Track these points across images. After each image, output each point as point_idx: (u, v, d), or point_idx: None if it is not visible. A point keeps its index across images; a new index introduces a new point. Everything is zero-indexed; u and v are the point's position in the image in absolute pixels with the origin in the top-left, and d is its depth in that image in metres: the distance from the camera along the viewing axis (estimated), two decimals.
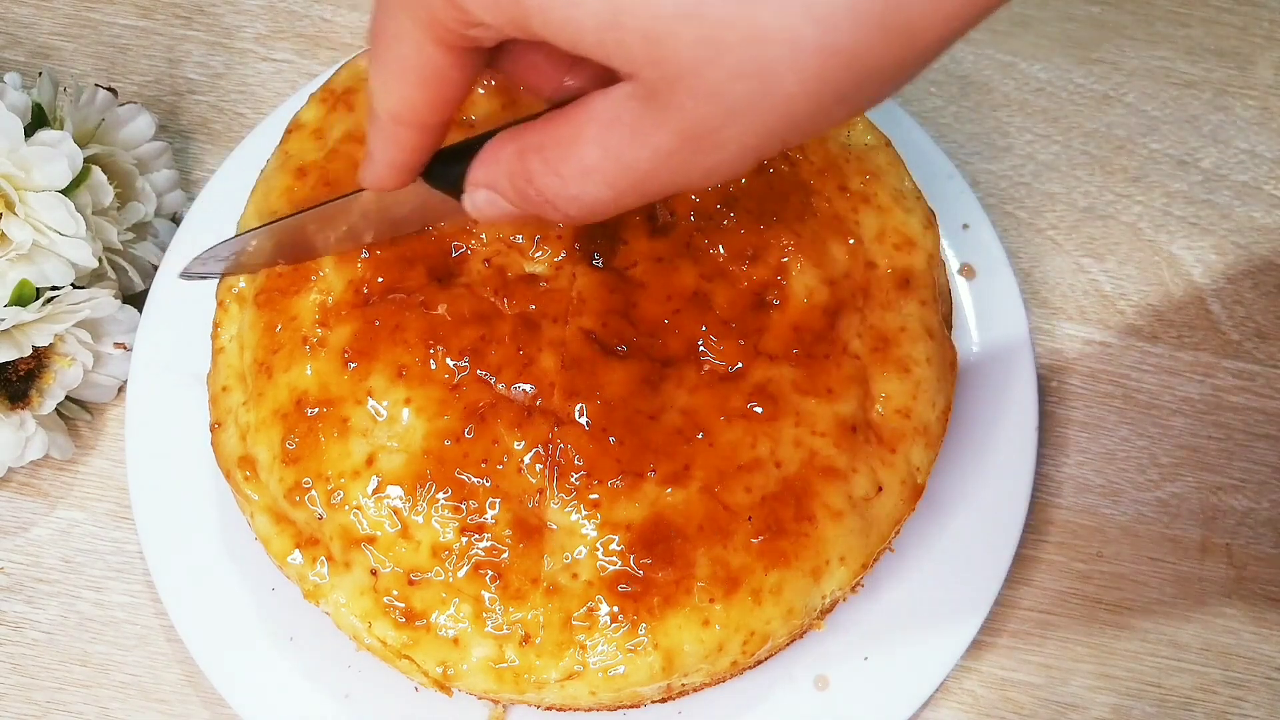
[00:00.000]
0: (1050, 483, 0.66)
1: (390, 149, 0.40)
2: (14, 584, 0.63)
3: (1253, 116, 0.75)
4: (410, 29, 0.35)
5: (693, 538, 0.50)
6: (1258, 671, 0.62)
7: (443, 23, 0.34)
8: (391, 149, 0.40)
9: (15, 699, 0.60)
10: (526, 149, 0.36)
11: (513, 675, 0.50)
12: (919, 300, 0.56)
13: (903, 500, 0.55)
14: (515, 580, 0.50)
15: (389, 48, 0.36)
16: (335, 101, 0.60)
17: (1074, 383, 0.68)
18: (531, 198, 0.37)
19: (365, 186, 0.43)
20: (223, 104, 0.75)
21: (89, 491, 0.65)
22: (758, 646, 0.52)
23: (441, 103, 0.37)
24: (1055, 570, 0.64)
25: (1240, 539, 0.65)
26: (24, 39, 0.76)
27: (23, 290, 0.59)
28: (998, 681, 0.62)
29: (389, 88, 0.37)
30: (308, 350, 0.54)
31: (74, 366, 0.62)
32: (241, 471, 0.54)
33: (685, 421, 0.52)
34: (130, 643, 0.62)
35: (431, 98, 0.37)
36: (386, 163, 0.40)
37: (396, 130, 0.39)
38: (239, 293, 0.57)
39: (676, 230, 0.55)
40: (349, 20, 0.77)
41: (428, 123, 0.38)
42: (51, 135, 0.59)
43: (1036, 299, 0.70)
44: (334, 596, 0.51)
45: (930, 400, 0.55)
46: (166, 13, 0.77)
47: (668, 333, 0.53)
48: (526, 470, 0.51)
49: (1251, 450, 0.67)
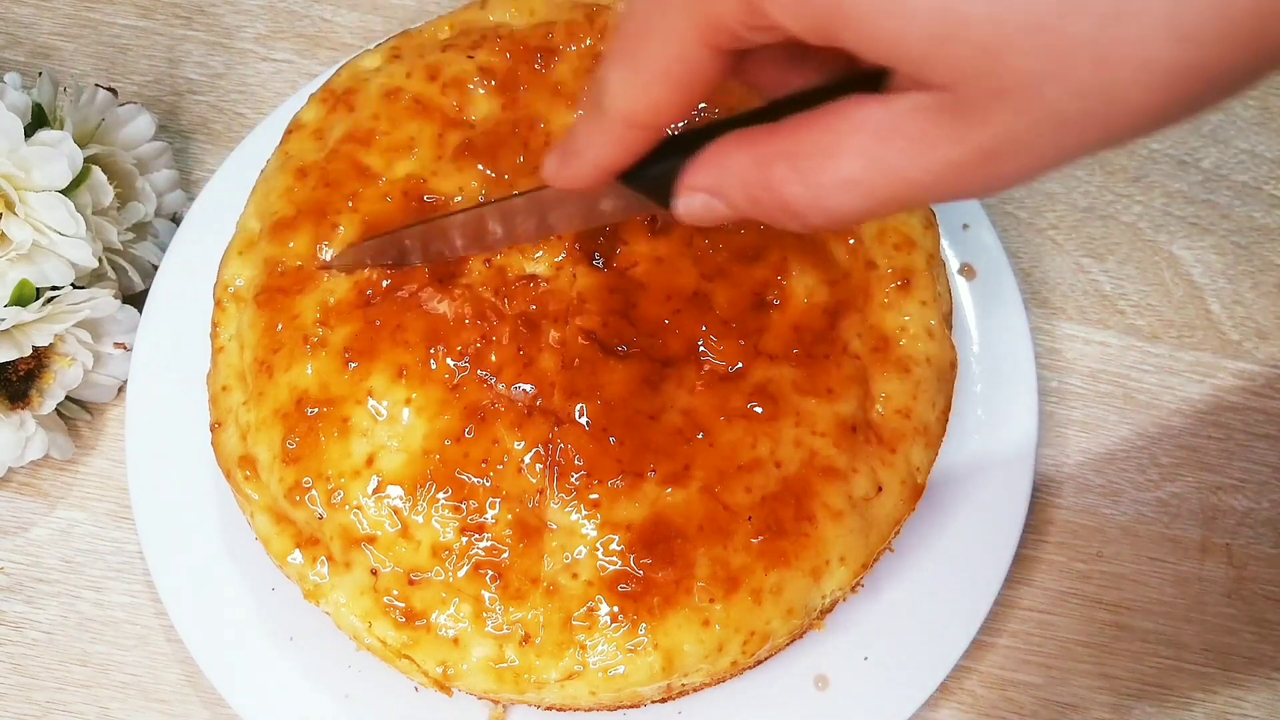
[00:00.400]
0: (1050, 483, 0.66)
1: (607, 150, 0.38)
2: (14, 584, 0.63)
3: (1253, 116, 0.75)
4: (683, 28, 0.33)
5: (693, 538, 0.50)
6: (1258, 671, 0.62)
7: (726, 25, 0.32)
8: (609, 150, 0.38)
9: (15, 699, 0.60)
10: (770, 157, 0.35)
11: (513, 675, 0.50)
12: (919, 300, 0.56)
13: (903, 500, 0.55)
14: (515, 580, 0.50)
15: (647, 45, 0.34)
16: (335, 101, 0.60)
17: (1074, 383, 0.68)
18: (769, 206, 0.35)
19: (558, 184, 0.40)
20: (223, 104, 0.75)
21: (89, 491, 0.65)
22: (758, 646, 0.52)
23: (686, 106, 0.36)
24: (1055, 570, 0.64)
25: (1240, 539, 0.65)
26: (24, 39, 0.76)
27: (23, 290, 0.59)
28: (998, 681, 0.62)
29: (635, 87, 0.35)
30: (308, 350, 0.54)
31: (74, 366, 0.62)
32: (241, 471, 0.54)
33: (685, 421, 0.52)
34: (130, 643, 0.62)
35: (679, 100, 0.35)
36: (594, 162, 0.38)
37: (625, 132, 0.37)
38: (236, 292, 0.57)
39: (676, 230, 0.55)
40: (349, 20, 0.77)
41: (661, 126, 0.37)
42: (51, 135, 0.59)
43: (1036, 299, 0.70)
44: (334, 596, 0.51)
45: (930, 400, 0.55)
46: (166, 13, 0.77)
47: (668, 333, 0.53)
48: (526, 470, 0.51)
49: (1251, 450, 0.67)
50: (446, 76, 0.59)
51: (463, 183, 0.57)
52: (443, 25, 0.63)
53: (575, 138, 0.39)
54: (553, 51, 0.60)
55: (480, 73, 0.59)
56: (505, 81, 0.59)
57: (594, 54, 0.60)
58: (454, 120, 0.58)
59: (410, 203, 0.56)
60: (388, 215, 0.56)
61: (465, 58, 0.60)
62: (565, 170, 0.40)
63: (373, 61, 0.62)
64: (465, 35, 0.61)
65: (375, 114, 0.58)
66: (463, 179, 0.57)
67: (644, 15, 0.34)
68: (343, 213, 0.56)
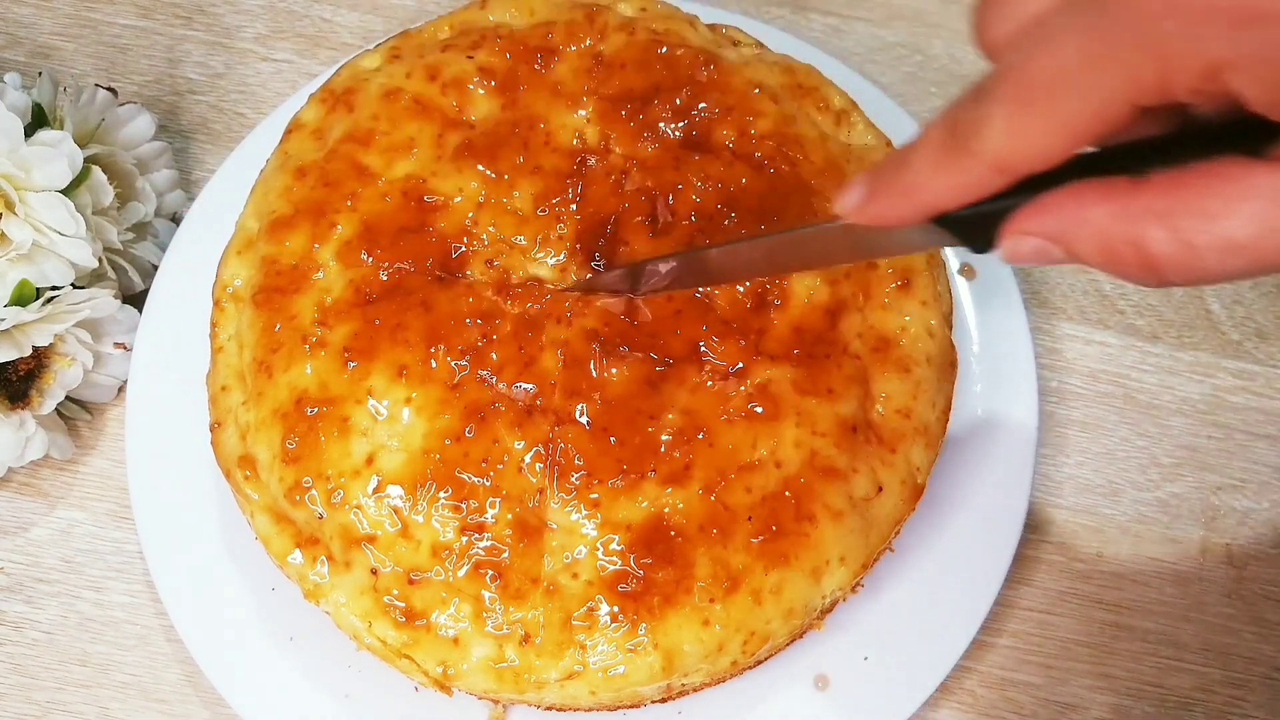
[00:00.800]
0: (1050, 483, 0.66)
1: (954, 191, 0.36)
2: (14, 584, 0.63)
3: None
4: (1117, 84, 0.32)
5: (693, 538, 0.50)
6: (1258, 671, 0.62)
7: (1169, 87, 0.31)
8: (956, 191, 0.36)
9: (15, 699, 0.60)
10: (1140, 214, 0.34)
11: (513, 675, 0.50)
12: (919, 300, 0.56)
13: (903, 500, 0.55)
14: (515, 580, 0.50)
15: (1060, 94, 0.33)
16: (335, 101, 0.60)
17: (1074, 383, 0.68)
18: (1127, 261, 0.34)
19: (864, 219, 0.39)
20: (223, 104, 0.75)
21: (89, 491, 0.65)
22: (758, 646, 0.52)
23: (1067, 157, 0.34)
24: (1055, 570, 0.64)
25: (1240, 539, 0.65)
26: (24, 39, 0.76)
27: (23, 290, 0.59)
28: (998, 681, 0.62)
29: (1026, 133, 0.34)
30: (307, 349, 0.54)
31: (74, 366, 0.62)
32: (241, 471, 0.54)
33: (686, 421, 0.52)
34: (130, 643, 0.62)
35: (1066, 151, 0.34)
36: (931, 202, 0.37)
37: (990, 176, 0.35)
38: (234, 291, 0.57)
39: (677, 231, 0.55)
40: (349, 20, 0.77)
41: (1030, 174, 0.35)
42: (51, 135, 0.59)
43: (1036, 299, 0.70)
44: (334, 596, 0.51)
45: (930, 400, 0.55)
46: (166, 13, 0.77)
47: (669, 333, 0.53)
48: (527, 470, 0.51)
49: (1251, 450, 0.67)
50: (446, 76, 0.59)
51: (462, 183, 0.57)
52: (442, 25, 0.63)
53: (907, 173, 0.37)
54: (553, 51, 0.60)
55: (480, 73, 0.59)
56: (505, 81, 0.59)
57: (594, 54, 0.60)
58: (454, 120, 0.58)
59: (409, 203, 0.56)
60: (386, 215, 0.56)
61: (465, 58, 0.60)
62: (880, 207, 0.38)
63: (372, 61, 0.62)
64: (465, 35, 0.61)
65: (375, 114, 0.58)
66: (462, 179, 0.57)
67: (1063, 64, 0.32)
68: (341, 212, 0.56)
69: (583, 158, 0.58)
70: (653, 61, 0.59)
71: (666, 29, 0.61)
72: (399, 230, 0.55)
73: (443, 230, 0.56)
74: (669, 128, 0.58)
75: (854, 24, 0.78)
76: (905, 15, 0.79)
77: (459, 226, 0.56)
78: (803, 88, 0.61)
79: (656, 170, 0.57)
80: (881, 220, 0.39)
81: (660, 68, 0.59)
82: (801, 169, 0.58)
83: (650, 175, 0.57)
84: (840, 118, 0.61)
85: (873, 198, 0.39)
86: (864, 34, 0.78)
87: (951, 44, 0.78)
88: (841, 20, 0.78)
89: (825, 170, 0.58)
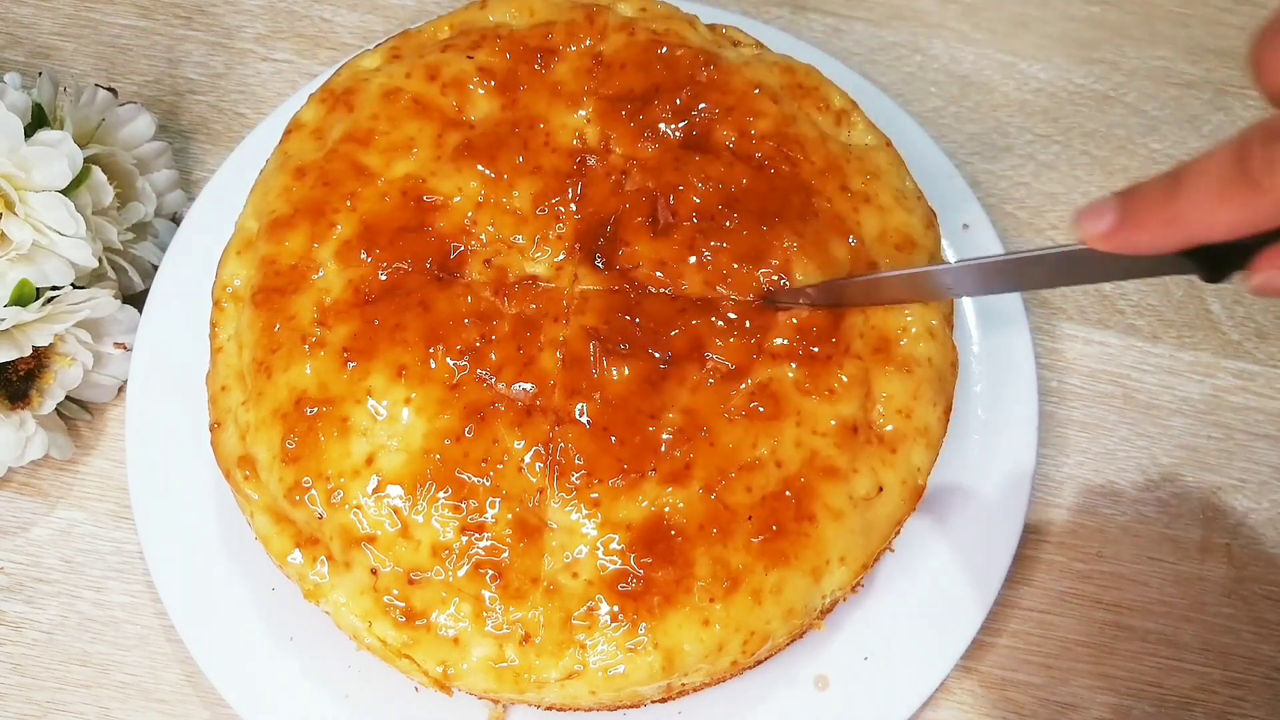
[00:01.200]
0: (1050, 483, 0.66)
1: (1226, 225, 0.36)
2: (14, 584, 0.63)
3: (1253, 117, 0.75)
4: None
5: (693, 537, 0.50)
6: (1258, 671, 0.62)
7: None
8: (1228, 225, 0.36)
9: (15, 699, 0.60)
10: None
11: (513, 675, 0.50)
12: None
13: (903, 500, 0.55)
14: (515, 579, 0.50)
15: None
16: (335, 101, 0.60)
17: (1074, 383, 0.68)
18: None
19: (1126, 248, 0.38)
20: (223, 104, 0.75)
21: (89, 491, 0.65)
22: (758, 646, 0.52)
23: None
24: (1055, 570, 0.64)
25: (1240, 539, 0.65)
26: (24, 39, 0.76)
27: (23, 290, 0.59)
28: (998, 681, 0.62)
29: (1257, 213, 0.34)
30: (307, 349, 0.54)
31: (74, 366, 0.62)
32: (241, 471, 0.54)
33: (686, 421, 0.52)
34: (130, 643, 0.61)
35: None
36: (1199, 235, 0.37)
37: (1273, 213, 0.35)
38: (234, 291, 0.57)
39: (678, 231, 0.55)
40: (349, 20, 0.77)
41: None
42: (51, 135, 0.59)
43: (1036, 299, 0.70)
44: (334, 596, 0.51)
45: (931, 401, 0.55)
46: (166, 13, 0.77)
47: (669, 331, 0.53)
48: (527, 469, 0.51)
49: (1251, 450, 0.67)
50: (446, 76, 0.59)
51: (462, 183, 0.57)
52: (442, 25, 0.63)
53: (1178, 202, 0.36)
54: (552, 51, 0.60)
55: (480, 73, 0.59)
56: (505, 82, 0.59)
57: (594, 54, 0.60)
58: (453, 120, 0.58)
59: (409, 203, 0.56)
60: (386, 215, 0.56)
61: (465, 58, 0.60)
62: (1138, 234, 0.38)
63: (372, 61, 0.62)
64: (465, 35, 0.61)
65: (375, 114, 0.58)
66: (462, 179, 0.57)
67: None
68: (340, 212, 0.56)
69: (583, 158, 0.58)
70: (653, 62, 0.59)
71: (666, 29, 0.61)
72: (398, 230, 0.55)
73: (442, 230, 0.56)
74: (669, 128, 0.58)
75: (854, 24, 0.78)
76: (905, 15, 0.79)
77: (458, 226, 0.56)
78: (803, 88, 0.61)
79: (656, 170, 0.57)
80: (1136, 248, 0.38)
81: (660, 68, 0.59)
82: (802, 169, 0.58)
83: (650, 175, 0.57)
84: (840, 118, 0.61)
85: (1130, 224, 0.37)
86: (864, 34, 0.78)
87: (951, 44, 0.78)
88: (841, 20, 0.78)
89: (826, 170, 0.58)
